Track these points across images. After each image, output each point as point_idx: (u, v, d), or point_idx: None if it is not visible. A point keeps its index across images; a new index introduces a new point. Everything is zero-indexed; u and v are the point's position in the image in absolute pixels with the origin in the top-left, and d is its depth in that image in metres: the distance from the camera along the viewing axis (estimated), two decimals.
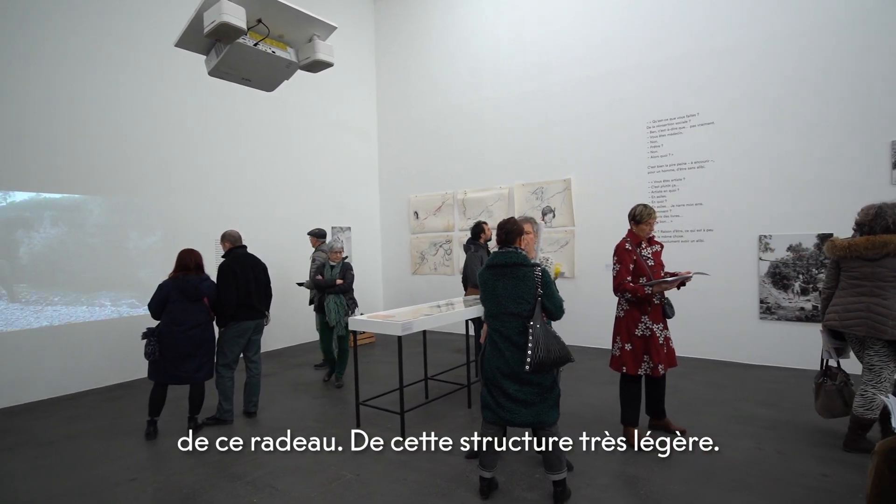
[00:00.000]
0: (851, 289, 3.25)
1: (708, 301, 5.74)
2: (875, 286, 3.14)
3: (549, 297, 2.81)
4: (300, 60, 3.18)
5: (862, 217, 3.27)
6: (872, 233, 3.17)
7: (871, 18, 4.97)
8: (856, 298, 3.22)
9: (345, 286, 5.27)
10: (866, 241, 3.15)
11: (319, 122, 8.12)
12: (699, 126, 5.91)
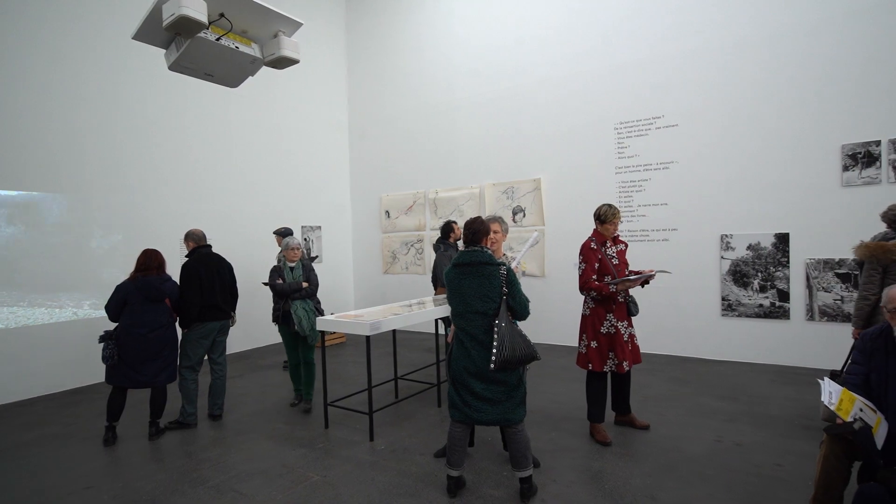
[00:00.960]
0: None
1: (672, 299, 5.90)
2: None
3: (514, 296, 2.83)
4: (265, 57, 3.12)
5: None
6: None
7: (824, 30, 5.18)
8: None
9: (311, 290, 4.58)
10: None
11: (289, 120, 8.00)
12: (664, 128, 6.05)
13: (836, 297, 5.16)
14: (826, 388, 2.22)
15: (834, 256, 5.16)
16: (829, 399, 2.16)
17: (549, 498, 2.88)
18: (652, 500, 2.82)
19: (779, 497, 2.79)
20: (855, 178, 5.06)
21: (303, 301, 4.50)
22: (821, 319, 5.23)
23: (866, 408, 2.15)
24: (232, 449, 3.75)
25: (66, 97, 5.51)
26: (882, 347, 2.24)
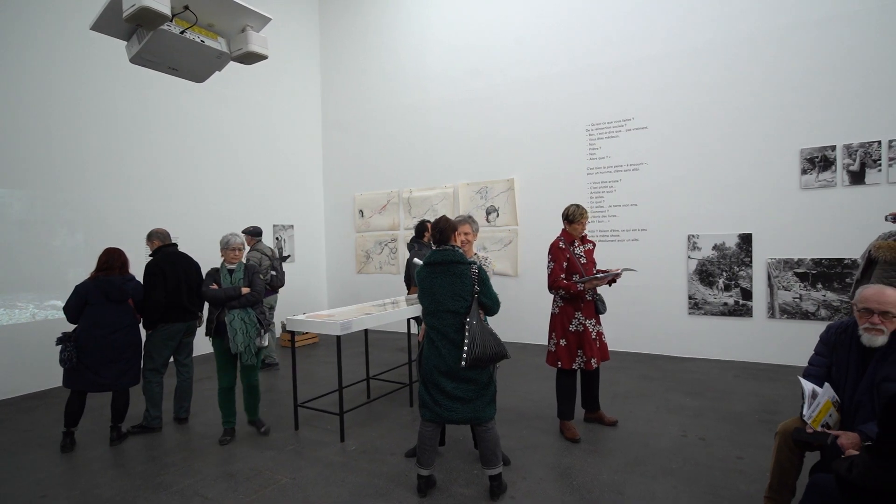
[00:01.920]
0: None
1: (641, 297, 6.03)
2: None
3: (486, 293, 2.86)
4: (232, 51, 3.06)
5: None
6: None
7: (784, 40, 5.37)
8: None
9: (253, 297, 3.80)
10: None
11: (261, 117, 7.86)
12: (634, 130, 6.18)
13: (794, 295, 5.35)
14: (808, 399, 2.22)
15: (793, 256, 5.35)
16: (812, 412, 2.17)
17: (518, 495, 2.90)
18: (619, 494, 2.88)
19: (738, 488, 2.87)
20: (812, 181, 5.26)
21: (242, 311, 3.75)
22: (781, 317, 5.41)
23: (834, 412, 2.21)
24: (198, 452, 3.66)
25: (26, 90, 5.29)
26: (846, 342, 2.30)
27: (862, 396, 2.14)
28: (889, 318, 2.15)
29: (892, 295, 2.15)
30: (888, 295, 2.16)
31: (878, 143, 4.97)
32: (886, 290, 2.18)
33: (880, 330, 2.15)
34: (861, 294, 2.25)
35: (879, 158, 4.97)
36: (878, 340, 2.15)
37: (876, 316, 2.15)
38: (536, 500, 2.85)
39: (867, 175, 5.03)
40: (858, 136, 5.05)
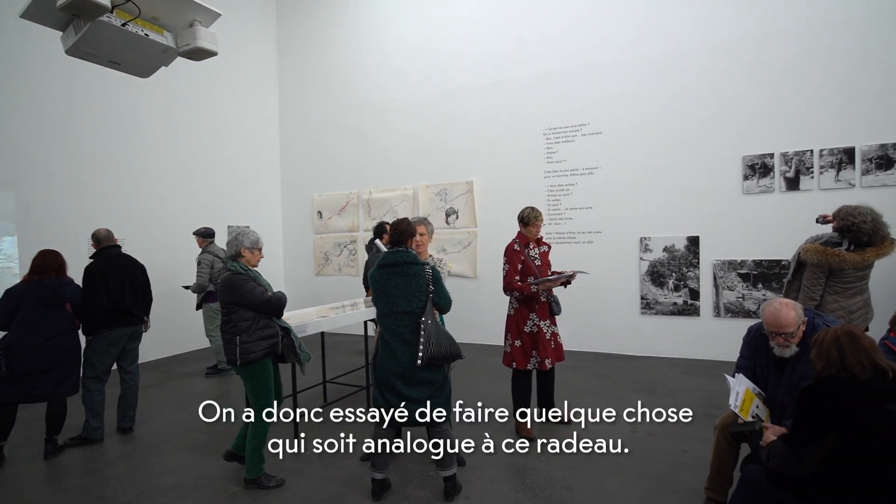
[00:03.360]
0: (846, 291, 3.38)
1: (596, 298, 6.18)
2: (863, 285, 3.41)
3: (439, 292, 2.89)
4: (179, 47, 2.94)
5: (859, 225, 3.31)
6: (873, 243, 3.30)
7: (726, 52, 5.64)
8: (855, 299, 3.38)
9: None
10: (876, 253, 3.29)
11: (214, 115, 7.61)
12: (589, 135, 6.34)
13: (738, 295, 5.62)
14: (734, 388, 2.34)
15: (736, 258, 5.62)
16: (736, 401, 2.30)
17: (472, 495, 2.93)
18: (569, 490, 2.95)
19: (683, 480, 3.00)
20: (753, 186, 5.55)
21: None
22: (725, 316, 5.68)
23: (761, 403, 2.34)
24: (143, 463, 3.51)
25: None
26: (763, 346, 2.44)
27: (784, 397, 2.28)
28: (791, 336, 2.26)
29: (786, 316, 2.25)
30: (783, 317, 2.25)
31: (810, 151, 5.30)
32: (781, 311, 2.27)
33: (787, 345, 2.28)
34: (762, 315, 2.35)
35: (812, 166, 5.30)
36: (787, 353, 2.29)
37: (779, 337, 2.27)
38: (490, 499, 2.88)
39: (801, 181, 5.35)
40: (794, 145, 5.37)
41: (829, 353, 1.78)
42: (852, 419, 1.68)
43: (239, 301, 2.99)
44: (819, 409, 1.75)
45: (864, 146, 5.10)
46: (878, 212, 3.37)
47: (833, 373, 1.76)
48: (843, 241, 3.40)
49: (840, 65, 5.20)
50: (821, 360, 1.81)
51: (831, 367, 1.77)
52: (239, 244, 3.08)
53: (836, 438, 1.68)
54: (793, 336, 2.27)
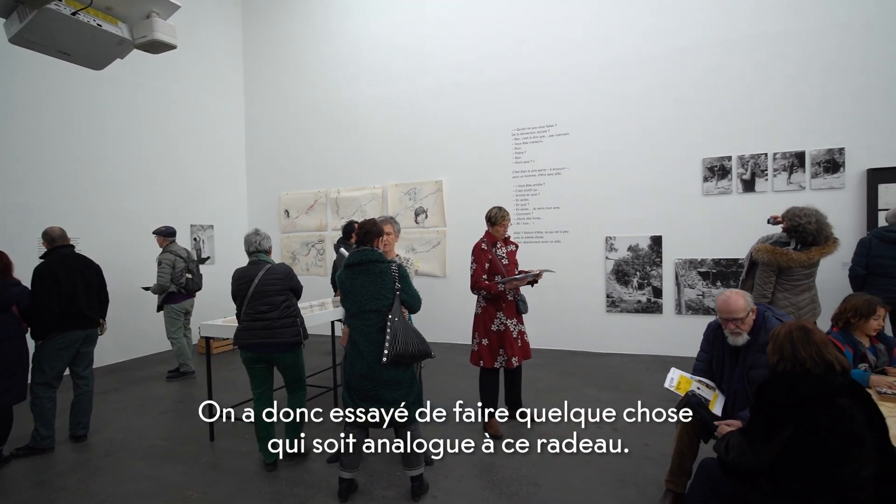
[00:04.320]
0: (794, 289, 3.59)
1: (563, 297, 6.28)
2: (811, 282, 3.61)
3: (407, 291, 2.88)
4: (135, 39, 2.83)
5: (804, 226, 3.49)
6: (818, 242, 3.50)
7: (688, 57, 5.82)
8: (803, 296, 3.58)
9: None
10: (820, 252, 3.48)
11: (177, 111, 7.37)
12: (557, 136, 6.44)
13: (698, 293, 5.81)
14: (669, 376, 2.51)
15: (697, 257, 5.81)
16: (671, 384, 2.45)
17: (440, 494, 2.93)
18: (535, 486, 2.99)
19: (645, 473, 3.08)
20: (712, 188, 5.74)
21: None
22: (687, 313, 5.86)
23: (703, 386, 2.46)
24: (98, 472, 3.37)
25: None
26: (721, 338, 2.56)
27: (737, 385, 2.38)
28: (741, 322, 2.41)
29: (736, 302, 2.42)
30: (732, 304, 2.43)
31: (765, 155, 5.52)
32: (731, 298, 2.44)
33: (738, 332, 2.43)
34: (716, 304, 2.53)
35: (767, 169, 5.52)
36: (740, 340, 2.44)
37: (730, 323, 2.42)
38: (457, 497, 2.89)
39: (757, 183, 5.56)
40: (750, 148, 5.58)
41: (783, 348, 1.85)
42: (806, 413, 1.73)
43: (295, 288, 3.44)
44: (775, 404, 1.81)
45: (814, 150, 5.35)
46: (823, 213, 3.56)
47: (787, 367, 1.83)
48: (790, 241, 3.57)
49: (791, 73, 5.43)
50: (776, 353, 1.88)
51: (785, 361, 1.84)
52: (269, 243, 3.54)
53: (791, 432, 1.73)
54: (743, 322, 2.42)
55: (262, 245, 3.45)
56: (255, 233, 3.48)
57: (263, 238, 3.48)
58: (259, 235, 3.47)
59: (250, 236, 3.45)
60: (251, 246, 3.42)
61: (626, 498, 2.85)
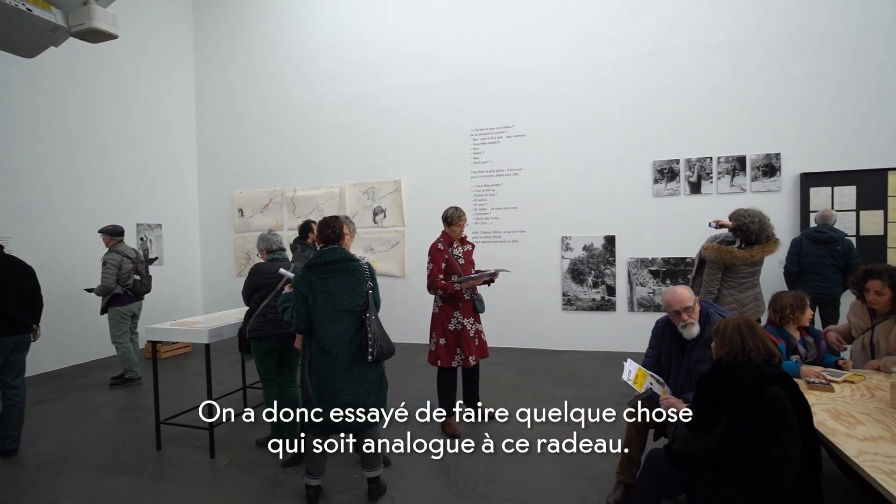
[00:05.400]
0: (739, 286, 3.77)
1: (520, 295, 6.38)
2: (754, 280, 3.79)
3: (376, 289, 2.86)
4: (70, 26, 2.68)
5: (747, 225, 3.69)
6: (760, 241, 3.70)
7: (638, 63, 6.03)
8: (747, 293, 3.77)
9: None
10: (762, 250, 3.68)
11: (122, 104, 7.01)
12: (514, 137, 6.53)
13: (649, 290, 6.03)
14: (627, 368, 2.59)
15: (647, 256, 6.03)
16: (629, 376, 2.53)
17: (397, 495, 2.92)
18: (492, 483, 3.02)
19: (598, 467, 3.17)
20: (662, 189, 5.97)
21: None
22: (638, 310, 6.07)
23: (655, 382, 2.56)
24: (31, 488, 3.16)
25: None
26: (668, 334, 2.68)
27: (684, 379, 2.50)
28: (690, 310, 2.55)
29: (682, 292, 2.58)
30: (679, 293, 2.58)
31: (710, 158, 5.79)
32: (677, 290, 2.60)
33: (691, 323, 2.55)
34: (664, 302, 2.66)
35: (712, 172, 5.80)
36: (694, 330, 2.56)
37: (682, 313, 2.54)
38: (415, 497, 2.89)
39: (703, 186, 5.83)
40: (696, 152, 5.84)
41: (731, 340, 1.96)
42: (742, 401, 1.84)
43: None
44: (715, 394, 1.91)
45: (753, 155, 5.66)
46: (766, 214, 3.77)
47: (733, 357, 1.93)
48: (736, 240, 3.77)
49: (733, 82, 5.72)
50: (724, 346, 1.98)
51: (734, 352, 1.95)
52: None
53: (729, 419, 1.84)
54: (692, 311, 2.55)
55: (282, 244, 3.75)
56: (272, 233, 3.77)
57: (280, 237, 3.79)
58: (276, 235, 3.77)
59: (270, 236, 3.71)
60: (274, 244, 3.66)
61: (579, 491, 2.92)
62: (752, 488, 1.81)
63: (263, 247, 3.69)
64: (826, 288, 4.69)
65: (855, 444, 1.90)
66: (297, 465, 3.28)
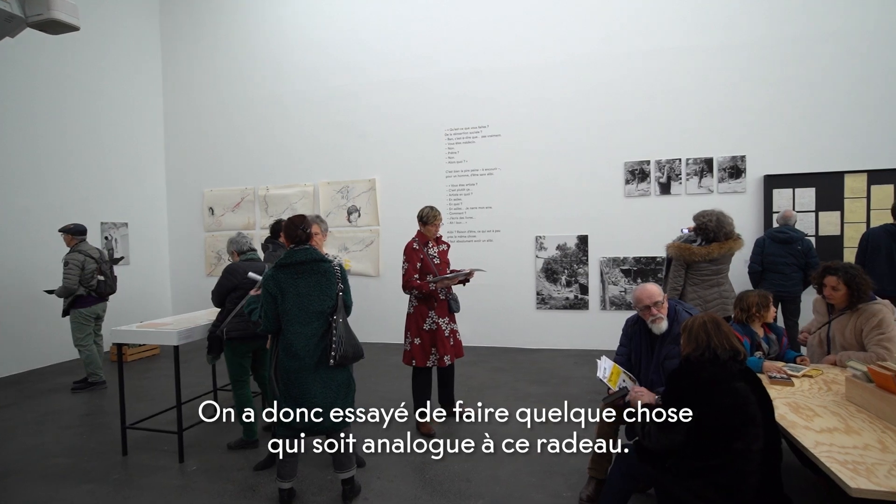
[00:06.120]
0: (703, 283, 3.90)
1: (494, 295, 6.42)
2: (719, 278, 3.90)
3: (348, 291, 2.83)
4: (28, 16, 2.58)
5: (706, 224, 3.88)
6: (718, 239, 3.85)
7: (611, 65, 6.13)
8: (711, 290, 3.88)
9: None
10: (720, 248, 3.82)
11: (87, 98, 6.76)
12: (489, 137, 6.57)
13: (621, 289, 6.15)
14: (601, 365, 2.64)
15: (619, 255, 6.15)
16: (604, 374, 2.58)
17: (371, 496, 2.91)
18: (467, 482, 3.03)
19: (569, 463, 3.21)
20: (633, 190, 6.10)
21: None
22: (611, 308, 6.19)
23: (627, 378, 2.62)
24: None
25: None
26: (638, 332, 2.75)
27: (654, 375, 2.56)
28: (659, 305, 2.64)
29: (651, 288, 2.68)
30: (649, 289, 2.68)
31: (679, 160, 5.95)
32: (647, 286, 2.70)
33: (660, 317, 2.63)
34: (634, 299, 2.74)
35: (681, 173, 5.95)
36: (662, 326, 2.64)
37: (652, 308, 2.63)
38: (389, 498, 2.88)
39: (672, 187, 5.98)
40: (666, 154, 5.99)
41: (698, 337, 2.02)
42: (709, 396, 1.91)
43: None
44: (683, 390, 1.97)
45: (720, 157, 5.84)
46: (727, 214, 3.92)
47: (700, 354, 1.99)
48: (697, 239, 3.93)
49: (701, 86, 5.89)
50: (691, 343, 2.04)
51: (700, 349, 2.00)
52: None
53: (697, 414, 1.90)
54: (660, 306, 2.63)
55: (252, 245, 3.80)
56: (241, 235, 3.80)
57: (249, 239, 3.86)
58: (245, 236, 3.83)
59: (239, 238, 3.76)
60: (244, 246, 3.72)
61: (552, 487, 2.96)
62: (717, 480, 1.87)
63: (234, 249, 3.70)
64: (788, 286, 4.87)
65: (812, 436, 1.98)
66: (269, 468, 3.23)
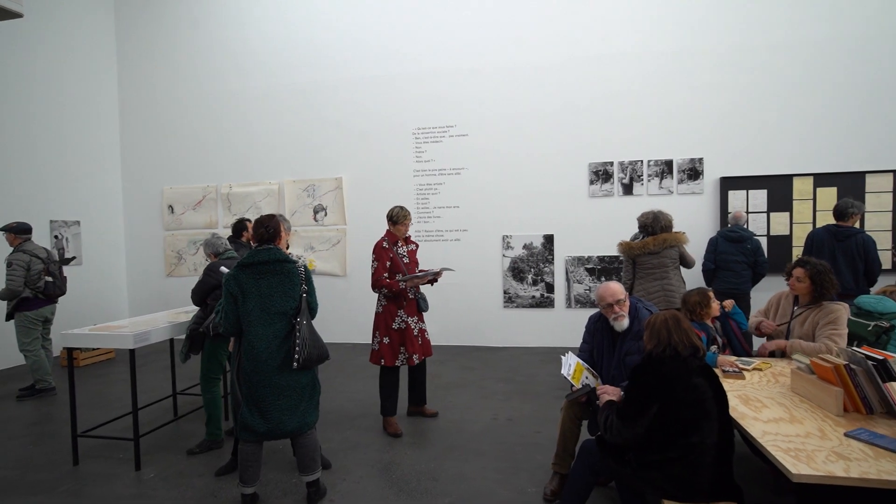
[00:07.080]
0: (648, 277, 4.10)
1: (462, 294, 6.46)
2: (662, 272, 4.06)
3: (312, 293, 2.79)
4: None
5: (644, 221, 4.19)
6: (654, 233, 4.09)
7: (575, 67, 6.26)
8: (653, 283, 4.06)
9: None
10: (653, 240, 4.04)
11: (33, 92, 6.42)
12: (456, 136, 6.59)
13: (585, 287, 6.29)
14: (566, 362, 2.70)
15: (584, 254, 6.28)
16: (568, 371, 2.63)
17: (337, 497, 2.88)
18: (434, 480, 3.04)
19: (536, 459, 3.27)
20: (597, 190, 6.24)
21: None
22: (576, 306, 6.32)
23: (590, 375, 2.68)
24: None
25: None
26: (600, 329, 2.83)
27: (615, 371, 2.64)
28: (622, 303, 2.73)
29: (614, 286, 2.77)
30: (612, 287, 2.76)
31: (641, 161, 6.12)
32: (610, 284, 2.78)
33: (622, 315, 2.71)
34: (597, 296, 2.82)
35: (643, 174, 6.13)
36: (624, 323, 2.72)
37: (614, 305, 2.71)
38: (356, 499, 2.86)
39: (634, 187, 6.15)
40: (628, 155, 6.15)
41: (659, 333, 2.09)
42: (669, 391, 1.97)
43: None
44: (644, 384, 2.03)
45: (679, 159, 6.04)
46: (666, 213, 4.23)
47: (661, 350, 2.05)
48: (639, 235, 4.29)
49: (662, 90, 6.08)
50: (653, 339, 2.10)
51: (661, 345, 2.07)
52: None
53: (657, 408, 1.97)
54: (623, 304, 2.72)
55: (228, 245, 3.79)
56: (216, 237, 3.77)
57: (224, 240, 3.85)
58: (220, 238, 3.81)
59: (215, 240, 3.73)
60: (220, 247, 3.69)
61: (517, 483, 3.00)
62: (673, 472, 1.94)
63: (211, 251, 3.65)
64: (737, 283, 5.09)
65: (760, 426, 2.08)
66: (231, 473, 3.16)
